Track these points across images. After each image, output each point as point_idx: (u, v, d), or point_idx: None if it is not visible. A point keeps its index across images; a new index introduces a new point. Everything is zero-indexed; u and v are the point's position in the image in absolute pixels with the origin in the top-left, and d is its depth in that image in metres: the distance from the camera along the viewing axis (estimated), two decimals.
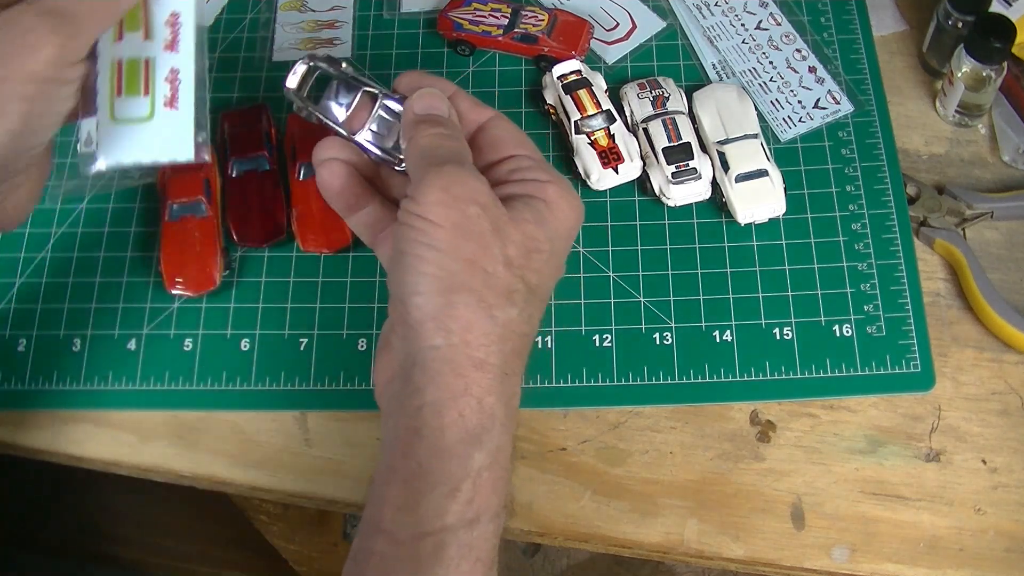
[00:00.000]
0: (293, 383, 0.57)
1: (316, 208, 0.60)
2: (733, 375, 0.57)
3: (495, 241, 0.41)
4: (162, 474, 0.57)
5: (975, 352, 0.58)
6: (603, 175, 0.61)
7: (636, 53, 0.67)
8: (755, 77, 0.66)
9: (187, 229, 0.60)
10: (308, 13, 0.70)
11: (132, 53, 0.48)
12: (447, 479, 0.40)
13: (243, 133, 0.63)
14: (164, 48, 0.48)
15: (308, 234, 0.60)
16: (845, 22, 0.68)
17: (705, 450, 0.56)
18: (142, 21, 0.48)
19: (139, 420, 0.57)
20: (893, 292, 0.58)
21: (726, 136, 0.61)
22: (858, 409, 0.56)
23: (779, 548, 0.53)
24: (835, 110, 0.64)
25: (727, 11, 0.68)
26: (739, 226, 0.60)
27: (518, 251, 0.42)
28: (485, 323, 0.41)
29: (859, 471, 0.55)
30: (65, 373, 0.58)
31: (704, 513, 0.54)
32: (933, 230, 0.60)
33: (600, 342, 0.58)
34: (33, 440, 0.57)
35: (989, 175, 0.63)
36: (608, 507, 0.54)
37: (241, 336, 0.59)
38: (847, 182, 0.62)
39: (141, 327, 0.59)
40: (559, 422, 0.56)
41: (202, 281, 0.59)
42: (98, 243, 0.62)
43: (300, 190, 0.61)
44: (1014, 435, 0.55)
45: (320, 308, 0.59)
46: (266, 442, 0.57)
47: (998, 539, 0.53)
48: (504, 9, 0.67)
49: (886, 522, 0.53)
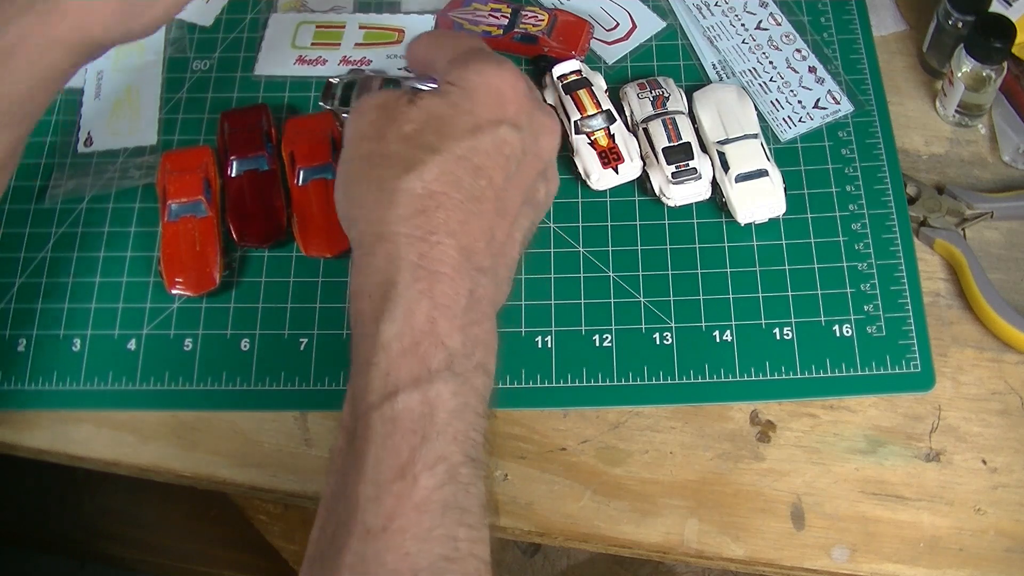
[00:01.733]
0: (293, 383, 0.57)
1: (317, 213, 0.60)
2: (733, 375, 0.57)
3: (391, 125, 0.45)
4: (162, 474, 0.57)
5: (975, 352, 0.58)
6: (603, 175, 0.61)
7: (636, 53, 0.67)
8: (755, 77, 0.66)
9: (187, 229, 0.60)
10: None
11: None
12: (363, 356, 0.41)
13: (243, 133, 0.63)
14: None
15: (310, 239, 0.59)
16: (845, 22, 0.68)
17: (705, 450, 0.56)
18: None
19: (139, 420, 0.57)
20: (893, 292, 0.58)
21: (726, 136, 0.61)
22: (858, 409, 0.56)
23: (779, 548, 0.53)
24: (835, 110, 0.64)
25: (727, 11, 0.68)
26: (739, 226, 0.60)
27: (415, 126, 0.44)
28: (375, 194, 0.44)
29: (859, 471, 0.55)
30: (65, 373, 0.58)
31: (704, 513, 0.54)
32: (933, 230, 0.60)
33: (600, 342, 0.58)
34: (33, 440, 0.57)
35: (989, 175, 0.63)
36: (608, 507, 0.54)
37: (241, 336, 0.59)
38: (847, 182, 0.62)
39: (141, 327, 0.59)
40: (559, 422, 0.56)
41: (202, 281, 0.59)
42: (98, 243, 0.62)
43: (300, 196, 0.61)
44: (1014, 435, 0.55)
45: (320, 308, 0.59)
46: (266, 442, 0.57)
47: (998, 539, 0.53)
48: (504, 9, 0.67)
49: (886, 522, 0.54)
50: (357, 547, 0.38)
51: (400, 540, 0.38)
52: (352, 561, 0.38)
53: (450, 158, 0.44)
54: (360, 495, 0.39)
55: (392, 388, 0.40)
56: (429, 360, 0.41)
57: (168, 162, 0.62)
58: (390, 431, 0.39)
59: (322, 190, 0.60)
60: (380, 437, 0.39)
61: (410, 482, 0.39)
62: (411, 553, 0.38)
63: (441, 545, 0.38)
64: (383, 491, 0.39)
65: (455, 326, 0.42)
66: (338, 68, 0.67)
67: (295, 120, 0.63)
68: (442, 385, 0.40)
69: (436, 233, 0.43)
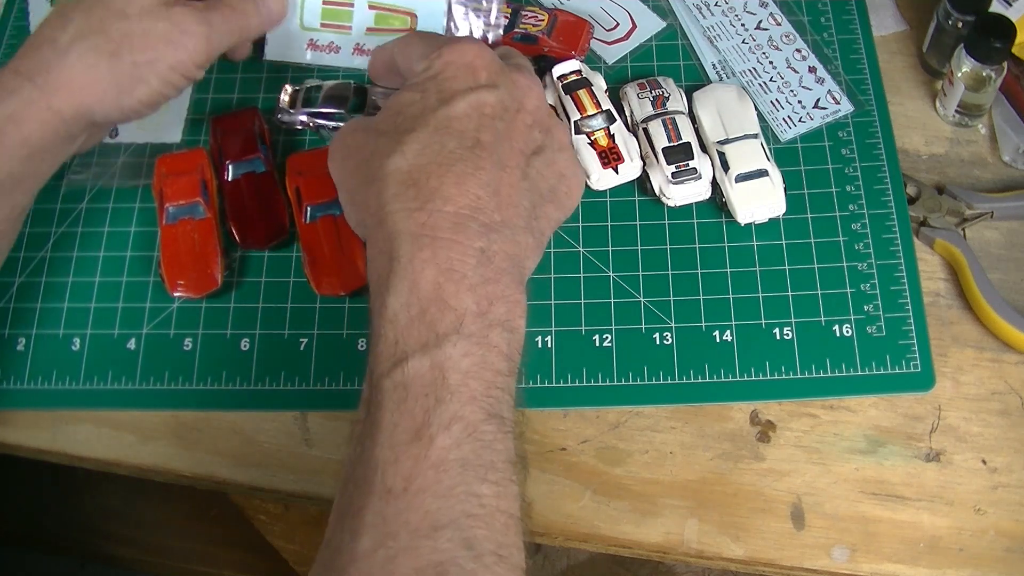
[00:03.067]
0: (293, 383, 0.57)
1: (327, 250, 0.59)
2: (733, 375, 0.57)
3: (367, 133, 0.48)
4: (162, 474, 0.57)
5: (975, 352, 0.58)
6: (603, 175, 0.61)
7: (636, 53, 0.67)
8: (755, 77, 0.66)
9: (186, 231, 0.60)
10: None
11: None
12: (375, 331, 0.43)
13: (236, 136, 0.62)
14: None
15: (321, 278, 0.58)
16: (845, 22, 0.68)
17: (705, 450, 0.56)
18: None
19: (139, 420, 0.57)
20: (893, 292, 0.58)
21: (726, 136, 0.61)
22: (858, 409, 0.56)
23: (779, 548, 0.53)
24: (835, 110, 0.64)
25: (727, 11, 0.68)
26: (739, 226, 0.60)
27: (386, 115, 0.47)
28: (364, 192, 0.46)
29: (859, 471, 0.55)
30: (64, 372, 0.58)
31: (704, 513, 0.54)
32: (933, 230, 0.60)
33: (600, 342, 0.58)
34: (33, 440, 0.57)
35: (989, 175, 0.63)
36: (608, 507, 0.54)
37: (241, 336, 0.59)
38: (847, 182, 0.62)
39: (141, 326, 0.59)
40: (559, 422, 0.56)
41: (204, 282, 0.59)
42: (98, 243, 0.62)
43: (309, 233, 0.59)
44: (1014, 435, 0.55)
45: (320, 308, 0.59)
46: (266, 442, 0.57)
47: (998, 539, 0.53)
48: (504, 9, 0.67)
49: (886, 522, 0.54)
50: (378, 506, 0.39)
51: (420, 500, 0.38)
52: (374, 520, 0.38)
53: (427, 130, 0.45)
54: (378, 458, 0.39)
55: (401, 355, 0.41)
56: (437, 325, 0.41)
57: (163, 166, 0.62)
58: (403, 396, 0.40)
59: (331, 227, 0.59)
60: (393, 403, 0.40)
61: (426, 443, 0.39)
62: (431, 511, 0.38)
63: (463, 502, 0.39)
64: (400, 453, 0.39)
65: (464, 287, 0.42)
66: (352, 58, 0.66)
67: (298, 156, 0.62)
68: (451, 348, 0.41)
69: (432, 201, 0.43)
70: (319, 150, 0.62)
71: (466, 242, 0.43)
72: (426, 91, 0.46)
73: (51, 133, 0.53)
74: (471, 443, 0.40)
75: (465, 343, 0.41)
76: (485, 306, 0.42)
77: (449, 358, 0.41)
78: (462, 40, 0.48)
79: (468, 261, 0.42)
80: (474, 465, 0.39)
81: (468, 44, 0.47)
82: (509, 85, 0.47)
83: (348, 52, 0.66)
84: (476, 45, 0.47)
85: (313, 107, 0.63)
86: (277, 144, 0.64)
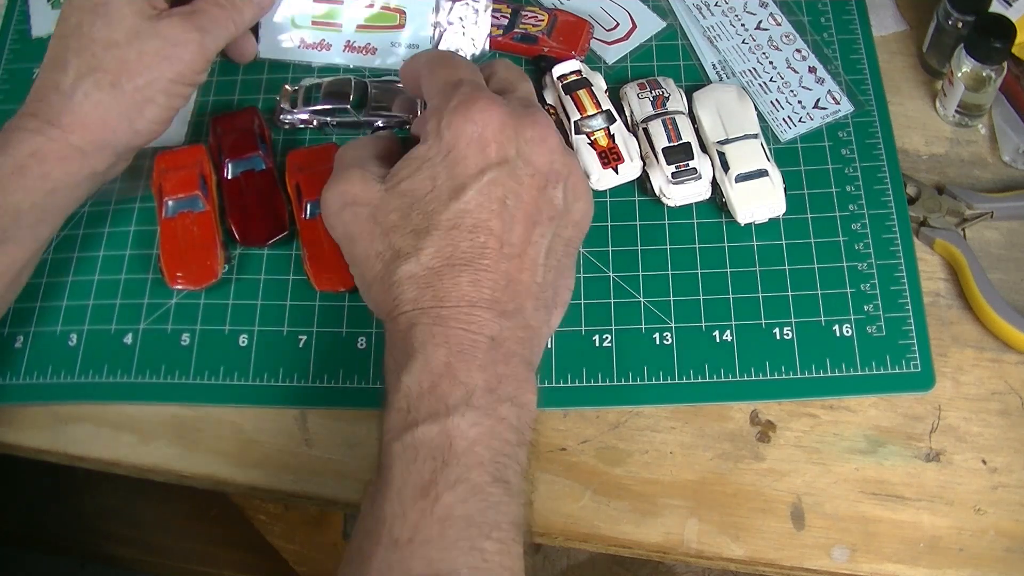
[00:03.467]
0: (292, 379, 0.57)
1: (327, 247, 0.58)
2: (733, 375, 0.57)
3: (373, 223, 0.49)
4: (162, 474, 0.57)
5: (975, 352, 0.58)
6: (603, 175, 0.61)
7: (636, 53, 0.67)
8: (755, 77, 0.66)
9: (185, 224, 0.60)
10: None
11: None
12: (389, 403, 0.45)
13: (236, 134, 0.63)
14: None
15: (321, 274, 0.58)
16: (845, 22, 0.68)
17: (705, 450, 0.56)
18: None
19: (139, 420, 0.57)
20: (893, 292, 0.58)
21: (726, 136, 0.61)
22: (858, 409, 0.56)
23: (779, 548, 0.53)
24: (835, 110, 0.64)
25: (727, 11, 0.68)
26: (739, 226, 0.60)
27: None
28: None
29: (859, 471, 0.55)
30: (60, 367, 0.58)
31: (704, 513, 0.54)
32: (933, 230, 0.60)
33: (600, 342, 0.58)
34: (33, 440, 0.57)
35: (989, 175, 0.63)
36: (608, 507, 0.54)
37: (239, 332, 0.59)
38: (847, 182, 0.62)
39: (138, 322, 0.59)
40: (559, 422, 0.56)
41: (203, 274, 0.59)
42: (98, 243, 0.62)
43: (308, 229, 0.59)
44: (1014, 435, 0.55)
45: (319, 305, 0.59)
46: (266, 442, 0.57)
47: (998, 539, 0.53)
48: (504, 9, 0.67)
49: (886, 522, 0.53)
50: (384, 555, 0.41)
51: (425, 550, 0.40)
52: (379, 567, 0.41)
53: (441, 233, 0.46)
54: (387, 512, 0.42)
55: (412, 422, 0.43)
56: (447, 397, 0.43)
57: (162, 162, 0.62)
58: (412, 457, 0.42)
59: None
60: (403, 463, 0.43)
61: (432, 499, 0.41)
62: (434, 560, 0.40)
63: (466, 555, 0.41)
64: (408, 508, 0.41)
65: (474, 366, 0.44)
66: (343, 55, 0.67)
67: (298, 152, 0.62)
68: (459, 417, 0.43)
69: (447, 299, 0.45)
70: (319, 147, 0.63)
71: (478, 332, 0.45)
72: (436, 177, 0.47)
73: (75, 168, 0.54)
74: (476, 502, 0.42)
75: (474, 414, 0.43)
76: (494, 383, 0.45)
77: (457, 427, 0.43)
78: (470, 101, 0.47)
79: (479, 346, 0.45)
80: (478, 523, 0.41)
81: (476, 108, 0.47)
82: (520, 146, 0.48)
83: (339, 49, 0.67)
84: (483, 109, 0.47)
85: (315, 105, 0.63)
86: (277, 142, 0.64)
